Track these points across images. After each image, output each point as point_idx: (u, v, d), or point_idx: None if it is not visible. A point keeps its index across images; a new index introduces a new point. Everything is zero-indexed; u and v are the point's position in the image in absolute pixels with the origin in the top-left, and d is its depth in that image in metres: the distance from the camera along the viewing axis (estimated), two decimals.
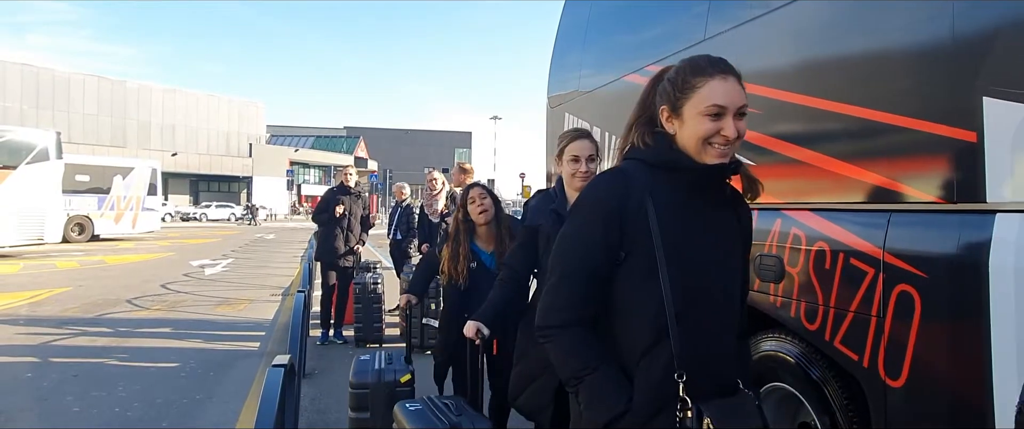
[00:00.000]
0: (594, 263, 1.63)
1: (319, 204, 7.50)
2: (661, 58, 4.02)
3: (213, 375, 6.04)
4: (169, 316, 9.13)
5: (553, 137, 6.03)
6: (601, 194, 1.66)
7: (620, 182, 1.64)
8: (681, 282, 1.57)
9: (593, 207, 1.65)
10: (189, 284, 12.72)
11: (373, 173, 55.33)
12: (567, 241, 1.69)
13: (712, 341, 1.62)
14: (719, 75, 1.58)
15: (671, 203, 1.62)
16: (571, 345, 1.63)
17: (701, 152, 1.60)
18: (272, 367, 2.08)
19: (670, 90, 1.64)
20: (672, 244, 1.58)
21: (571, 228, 1.70)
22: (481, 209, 3.64)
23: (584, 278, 1.63)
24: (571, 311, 1.64)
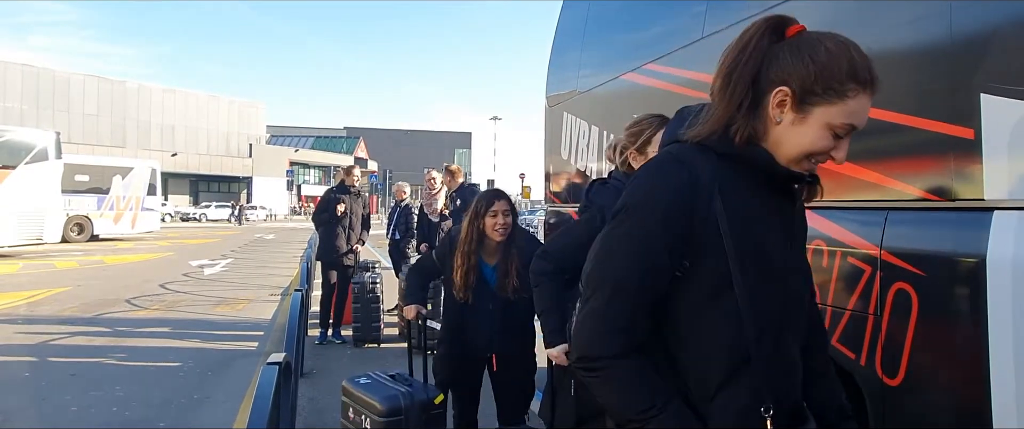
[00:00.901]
0: (654, 276, 1.29)
1: (319, 204, 7.50)
2: (659, 56, 4.02)
3: (211, 375, 6.03)
4: (168, 316, 9.13)
5: (552, 137, 6.03)
6: (662, 190, 1.31)
7: (682, 174, 1.30)
8: (759, 297, 1.28)
9: (652, 205, 1.30)
10: (188, 284, 12.72)
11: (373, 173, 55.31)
12: (618, 248, 1.33)
13: (792, 363, 1.37)
14: (871, 89, 1.25)
15: (741, 202, 1.31)
16: (630, 379, 1.28)
17: (796, 161, 1.30)
18: (266, 365, 2.07)
19: (813, 77, 1.24)
20: (748, 253, 1.29)
21: (623, 232, 1.33)
22: (503, 227, 3.32)
23: (642, 295, 1.29)
24: (627, 336, 1.29)
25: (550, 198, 6.18)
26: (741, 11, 3.20)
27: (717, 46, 3.39)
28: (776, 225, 1.36)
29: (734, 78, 1.29)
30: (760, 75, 1.28)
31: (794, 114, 1.26)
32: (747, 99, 1.28)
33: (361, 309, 7.06)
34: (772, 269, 1.32)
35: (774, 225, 1.35)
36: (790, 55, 1.26)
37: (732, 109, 1.30)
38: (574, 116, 5.47)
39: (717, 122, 1.31)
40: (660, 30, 4.22)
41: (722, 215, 1.28)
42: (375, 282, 7.13)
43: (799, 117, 1.26)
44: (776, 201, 1.37)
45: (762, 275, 1.30)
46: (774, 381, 1.29)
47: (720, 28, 3.38)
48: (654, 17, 4.38)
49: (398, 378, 3.43)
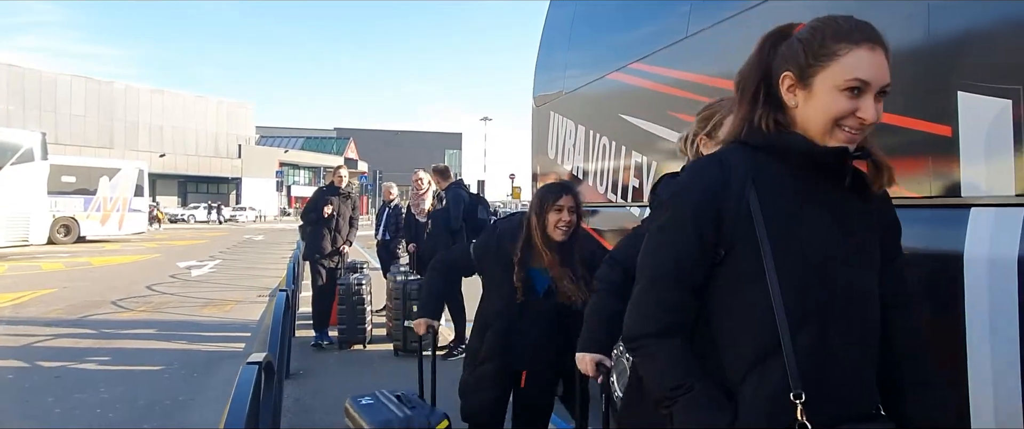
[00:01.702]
0: (687, 264, 1.38)
1: (308, 204, 7.45)
2: (644, 56, 4.03)
3: (197, 376, 5.99)
4: (154, 317, 9.06)
5: (539, 137, 6.03)
6: (692, 184, 1.41)
7: (715, 169, 1.38)
8: (795, 284, 1.30)
9: (683, 199, 1.40)
10: (175, 285, 12.63)
11: (363, 174, 55.17)
12: (655, 240, 1.44)
13: (843, 357, 1.32)
14: (867, 44, 1.30)
15: (779, 192, 1.35)
16: (665, 358, 1.37)
17: (827, 134, 1.33)
18: (245, 365, 2.06)
19: (801, 54, 1.33)
20: (781, 240, 1.32)
21: (659, 225, 1.44)
22: (566, 224, 2.87)
23: (675, 282, 1.38)
24: (663, 320, 1.39)
25: None
26: (724, 11, 3.22)
27: (701, 45, 3.43)
28: (823, 217, 1.35)
29: (745, 80, 1.43)
30: (771, 75, 1.39)
31: (803, 92, 1.34)
32: (760, 93, 1.39)
33: (347, 310, 6.98)
34: (810, 260, 1.32)
35: (820, 216, 1.35)
36: (786, 47, 1.37)
37: (747, 105, 1.41)
38: (561, 116, 5.48)
39: (740, 120, 1.42)
40: (645, 30, 4.23)
41: (755, 206, 1.33)
42: (361, 283, 7.06)
43: (807, 92, 1.33)
44: (825, 192, 1.36)
45: (798, 265, 1.31)
46: (813, 372, 1.28)
47: (704, 27, 3.40)
48: (639, 17, 4.39)
49: (404, 399, 3.14)
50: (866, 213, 1.40)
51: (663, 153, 3.80)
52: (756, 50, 1.43)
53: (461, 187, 6.99)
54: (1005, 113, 1.86)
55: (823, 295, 1.32)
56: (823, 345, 1.31)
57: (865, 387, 1.37)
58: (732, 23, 3.16)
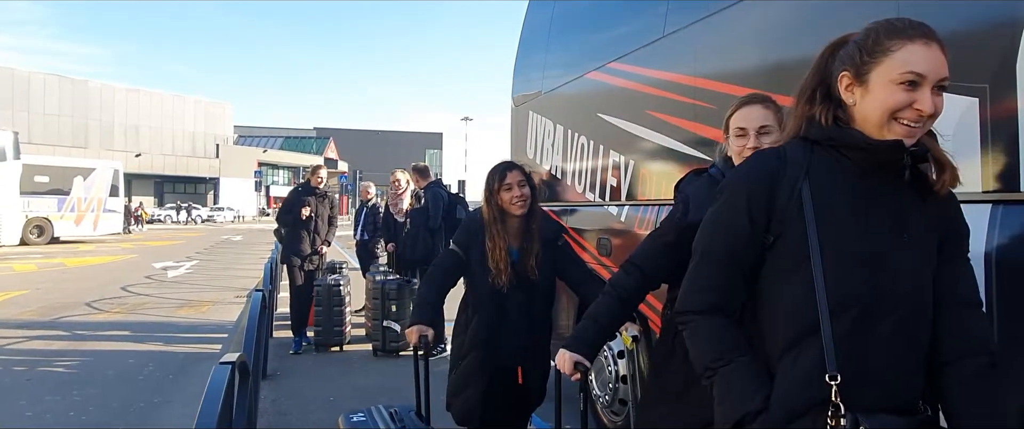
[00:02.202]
0: (737, 245, 1.46)
1: (284, 204, 7.29)
2: (621, 55, 4.04)
3: (172, 378, 5.92)
4: (129, 319, 8.94)
5: (518, 137, 6.03)
6: (749, 171, 1.50)
7: (772, 158, 1.47)
8: (839, 274, 1.36)
9: (739, 184, 1.50)
10: (151, 286, 12.48)
11: (343, 174, 54.85)
12: (710, 221, 1.54)
13: (886, 349, 1.36)
14: (921, 39, 1.35)
15: (834, 185, 1.41)
16: (707, 333, 1.48)
17: (885, 128, 1.37)
18: (218, 365, 2.03)
19: (856, 53, 1.40)
20: (831, 230, 1.37)
21: (715, 207, 1.53)
22: (520, 198, 2.94)
23: (725, 261, 1.48)
24: (710, 296, 1.49)
25: None
26: (701, 10, 3.24)
27: (678, 44, 3.45)
28: (876, 211, 1.39)
29: (804, 85, 1.51)
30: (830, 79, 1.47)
31: (860, 89, 1.39)
32: (817, 93, 1.48)
33: (323, 312, 6.86)
34: (856, 253, 1.37)
35: (872, 211, 1.39)
36: (843, 51, 1.45)
37: (805, 104, 1.49)
38: (540, 116, 5.48)
39: (799, 117, 1.50)
40: (623, 29, 4.25)
41: (807, 196, 1.40)
42: (338, 284, 6.96)
43: (864, 89, 1.39)
44: (882, 187, 1.40)
45: (843, 256, 1.37)
46: (851, 357, 1.33)
47: (681, 26, 3.42)
48: (617, 17, 4.41)
49: (397, 417, 3.03)
50: (924, 212, 1.42)
51: (641, 152, 3.82)
52: (817, 59, 1.52)
53: (440, 186, 6.96)
54: (972, 111, 1.89)
55: (867, 287, 1.36)
56: (864, 333, 1.35)
57: (910, 381, 1.39)
58: (708, 22, 3.18)
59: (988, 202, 1.88)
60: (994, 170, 1.88)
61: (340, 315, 6.92)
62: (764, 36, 2.86)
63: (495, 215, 2.96)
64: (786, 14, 2.77)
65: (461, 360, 3.05)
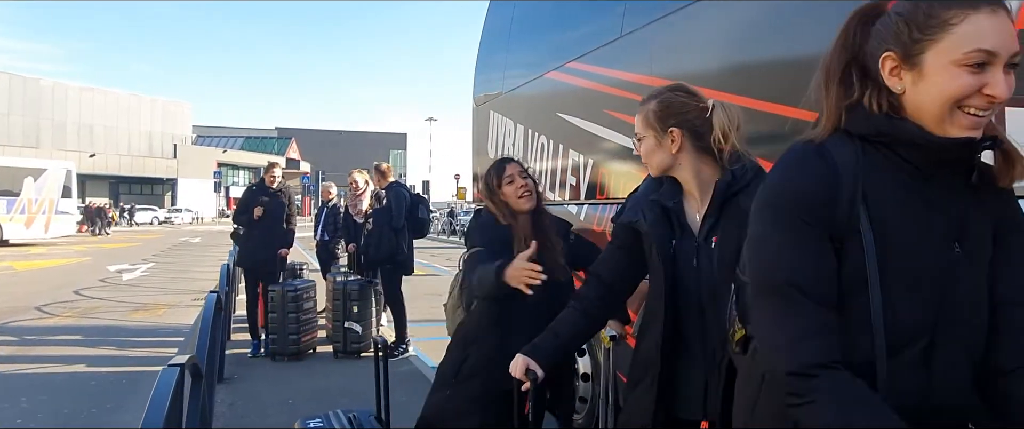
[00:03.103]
0: (822, 267, 1.15)
1: (238, 205, 7.07)
2: (580, 55, 4.07)
3: (126, 383, 5.78)
4: (81, 323, 8.71)
5: (479, 137, 6.03)
6: (803, 182, 1.18)
7: (813, 159, 1.18)
8: (902, 301, 1.13)
9: (797, 199, 1.17)
10: (104, 290, 12.17)
11: (305, 175, 54.18)
12: (775, 251, 1.18)
13: (948, 379, 1.16)
14: (986, 7, 1.08)
15: (889, 192, 1.16)
16: (850, 397, 1.09)
17: (945, 120, 1.12)
18: (166, 367, 1.99)
19: (903, 29, 1.12)
20: (890, 249, 1.13)
21: (774, 233, 1.19)
22: (524, 188, 2.69)
23: (817, 291, 1.14)
24: (820, 342, 1.12)
25: (478, 198, 6.18)
26: (656, 11, 3.27)
27: (635, 44, 3.48)
28: (936, 220, 1.16)
29: (829, 68, 1.23)
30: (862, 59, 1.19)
31: (911, 73, 1.13)
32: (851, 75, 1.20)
33: (277, 319, 6.38)
34: (922, 271, 1.15)
35: (934, 222, 1.16)
36: (880, 25, 1.17)
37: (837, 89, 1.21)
38: (501, 115, 5.49)
39: (834, 107, 1.21)
40: (581, 29, 4.28)
41: (864, 213, 1.14)
42: (295, 291, 6.46)
43: (917, 73, 1.13)
44: (941, 188, 1.17)
45: (906, 278, 1.14)
46: (910, 396, 1.13)
47: (637, 27, 3.45)
48: (576, 17, 4.44)
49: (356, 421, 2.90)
50: (980, 207, 1.20)
51: (600, 151, 3.85)
52: (840, 34, 1.22)
53: (401, 186, 6.94)
54: None
55: (932, 314, 1.15)
56: (927, 367, 1.15)
57: (968, 407, 1.20)
58: (665, 22, 3.22)
59: None
60: None
61: (294, 324, 6.42)
62: (720, 36, 2.91)
63: (506, 212, 2.69)
64: (741, 14, 2.81)
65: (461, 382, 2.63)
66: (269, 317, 6.45)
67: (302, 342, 6.52)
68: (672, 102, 1.86)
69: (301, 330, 6.50)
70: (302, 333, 6.52)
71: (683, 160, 1.84)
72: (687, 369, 1.81)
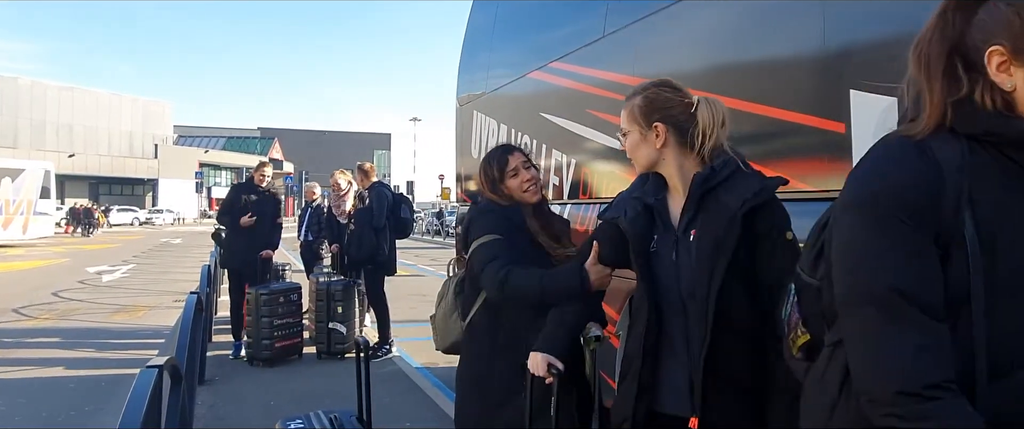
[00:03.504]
0: (932, 278, 1.03)
1: (223, 204, 6.94)
2: (562, 55, 4.08)
3: (105, 386, 5.72)
4: (60, 325, 8.60)
5: (463, 137, 6.02)
6: (902, 179, 1.06)
7: (913, 157, 1.06)
8: (1010, 323, 1.02)
9: (896, 197, 1.05)
10: (84, 291, 12.03)
11: (288, 175, 53.86)
12: (872, 256, 1.06)
13: None
14: None
15: (1000, 202, 1.04)
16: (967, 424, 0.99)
17: None
18: (144, 369, 1.97)
19: (1016, 21, 1.02)
20: (1000, 263, 1.02)
21: (869, 236, 1.07)
22: (531, 181, 2.52)
23: (931, 303, 1.02)
24: (936, 361, 1.00)
25: (462, 197, 6.17)
26: (638, 11, 3.28)
27: (618, 44, 3.49)
28: None
29: (927, 55, 1.11)
30: (964, 50, 1.08)
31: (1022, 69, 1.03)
32: (956, 68, 1.08)
33: (252, 323, 6.15)
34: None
35: None
36: (985, 14, 1.06)
37: (941, 82, 1.09)
38: (484, 115, 5.49)
39: (938, 102, 1.08)
40: (564, 29, 4.28)
41: (968, 216, 1.03)
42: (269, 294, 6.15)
43: None
44: None
45: (1015, 293, 1.02)
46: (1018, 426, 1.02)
47: (620, 27, 3.46)
48: (558, 17, 4.44)
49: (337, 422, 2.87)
50: None
51: (583, 151, 3.85)
52: (936, 20, 1.11)
53: (384, 186, 6.91)
54: (892, 111, 1.96)
55: None
56: None
57: None
58: (647, 22, 3.23)
59: None
60: None
61: (269, 328, 6.13)
62: (702, 36, 2.92)
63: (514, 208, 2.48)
64: (723, 15, 2.83)
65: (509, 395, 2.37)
66: (247, 320, 6.32)
67: (276, 348, 6.20)
68: (657, 97, 1.86)
69: (276, 335, 6.18)
70: (277, 338, 6.19)
71: (667, 155, 1.84)
72: (671, 364, 1.81)
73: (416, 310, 9.71)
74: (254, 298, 6.19)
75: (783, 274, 1.56)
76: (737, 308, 1.69)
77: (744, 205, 1.68)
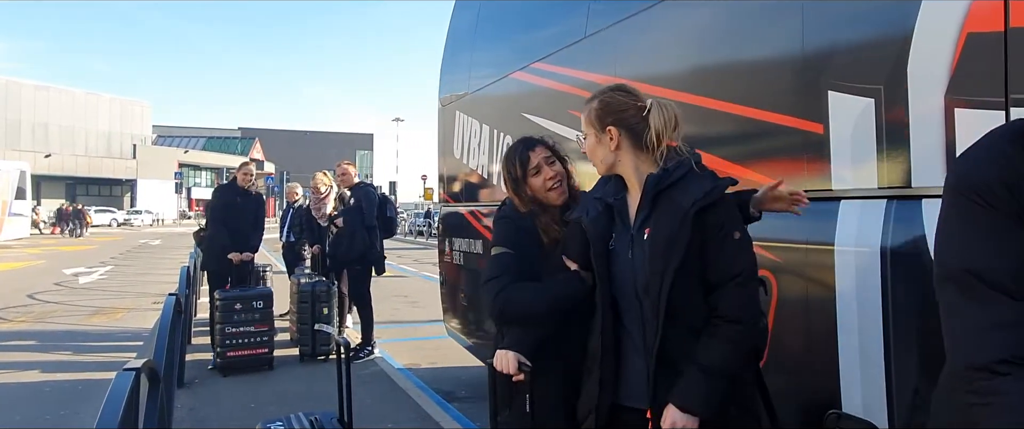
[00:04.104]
0: (1010, 255, 1.04)
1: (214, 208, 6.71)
2: (544, 55, 4.08)
3: (82, 390, 5.64)
4: (35, 328, 8.47)
5: (445, 137, 6.01)
6: (982, 163, 1.10)
7: (1012, 145, 1.08)
8: None
9: (973, 180, 1.09)
10: (61, 293, 11.86)
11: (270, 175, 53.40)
12: (952, 236, 1.11)
13: None
14: None
15: None
16: None
17: None
18: (121, 372, 1.94)
19: None
20: None
21: (951, 217, 1.12)
22: (556, 179, 2.26)
23: (1004, 284, 1.03)
24: (1009, 338, 1.01)
25: (444, 198, 6.16)
26: (620, 12, 3.29)
27: (599, 45, 3.49)
28: None
29: None
30: None
31: None
32: None
33: (218, 331, 5.87)
34: None
35: None
36: None
37: None
38: (466, 116, 5.47)
39: None
40: (546, 30, 4.29)
41: None
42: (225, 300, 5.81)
43: None
44: None
45: None
46: None
47: (601, 28, 3.47)
48: (540, 17, 4.45)
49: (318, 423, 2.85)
50: None
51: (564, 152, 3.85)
52: None
53: (370, 186, 6.89)
54: (868, 111, 1.98)
55: None
56: None
57: None
58: (628, 24, 3.24)
59: (883, 198, 1.98)
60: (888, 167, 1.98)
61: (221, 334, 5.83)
62: (683, 38, 2.94)
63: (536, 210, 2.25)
64: (704, 16, 2.84)
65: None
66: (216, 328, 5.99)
67: (229, 358, 5.83)
68: (611, 101, 1.92)
69: (229, 344, 5.82)
70: (231, 348, 5.83)
71: (623, 157, 1.91)
72: (631, 358, 1.86)
73: (399, 311, 9.68)
74: (223, 305, 5.89)
75: (729, 272, 1.72)
76: (688, 304, 1.76)
77: (695, 205, 1.75)
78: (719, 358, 1.71)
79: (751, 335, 1.78)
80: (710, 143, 2.66)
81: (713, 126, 2.65)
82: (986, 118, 1.67)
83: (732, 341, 1.73)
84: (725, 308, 1.73)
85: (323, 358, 6.38)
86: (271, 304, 6.13)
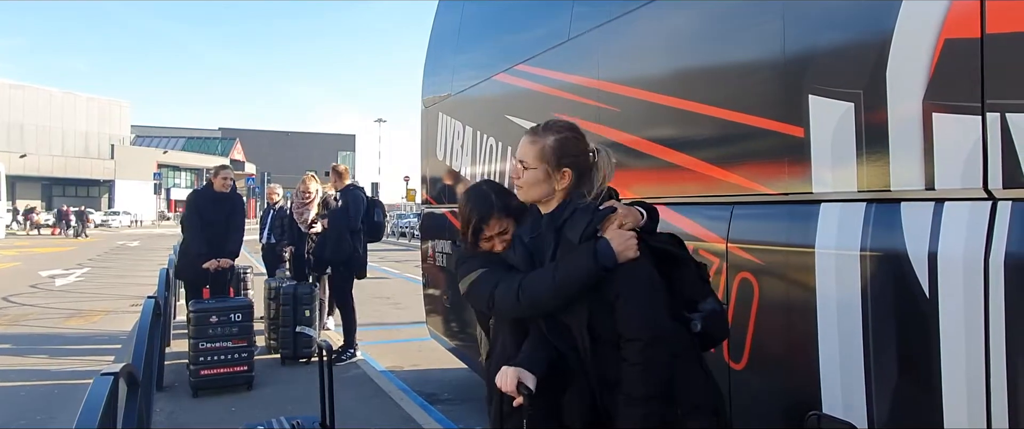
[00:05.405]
0: None
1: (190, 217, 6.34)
2: (528, 58, 4.08)
3: (58, 394, 5.55)
4: (10, 331, 8.33)
5: (428, 139, 5.99)
6: None
7: None
8: None
9: None
10: (36, 296, 11.68)
11: (250, 176, 52.94)
12: None
13: None
14: None
15: None
16: None
17: None
18: (99, 376, 1.92)
19: None
20: None
21: None
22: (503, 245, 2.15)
23: None
24: None
25: (426, 199, 6.14)
26: (602, 15, 3.31)
27: (582, 47, 3.50)
28: None
29: None
30: None
31: None
32: None
33: (191, 347, 5.27)
34: None
35: None
36: None
37: None
38: (449, 117, 5.47)
39: None
40: (530, 32, 4.29)
41: None
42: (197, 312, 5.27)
43: None
44: None
45: None
46: None
47: (584, 31, 3.48)
48: (524, 19, 4.45)
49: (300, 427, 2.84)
50: None
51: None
52: None
53: (359, 189, 6.84)
54: (848, 115, 2.01)
55: None
56: None
57: None
58: (610, 27, 3.25)
59: (863, 201, 2.00)
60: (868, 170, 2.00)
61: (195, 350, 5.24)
62: (665, 40, 2.95)
63: None
64: (686, 19, 2.86)
65: None
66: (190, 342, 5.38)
67: (202, 375, 5.22)
68: (569, 142, 1.94)
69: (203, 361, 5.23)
70: (203, 366, 5.22)
71: (559, 196, 1.94)
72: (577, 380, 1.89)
73: (381, 313, 9.64)
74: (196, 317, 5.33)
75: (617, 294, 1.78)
76: (601, 323, 1.81)
77: (581, 238, 1.82)
78: (635, 383, 1.74)
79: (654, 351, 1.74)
80: (691, 146, 2.68)
81: (695, 129, 2.66)
82: (963, 122, 1.70)
83: (636, 363, 1.74)
84: (622, 328, 1.78)
85: (305, 361, 6.33)
86: (251, 317, 5.55)
